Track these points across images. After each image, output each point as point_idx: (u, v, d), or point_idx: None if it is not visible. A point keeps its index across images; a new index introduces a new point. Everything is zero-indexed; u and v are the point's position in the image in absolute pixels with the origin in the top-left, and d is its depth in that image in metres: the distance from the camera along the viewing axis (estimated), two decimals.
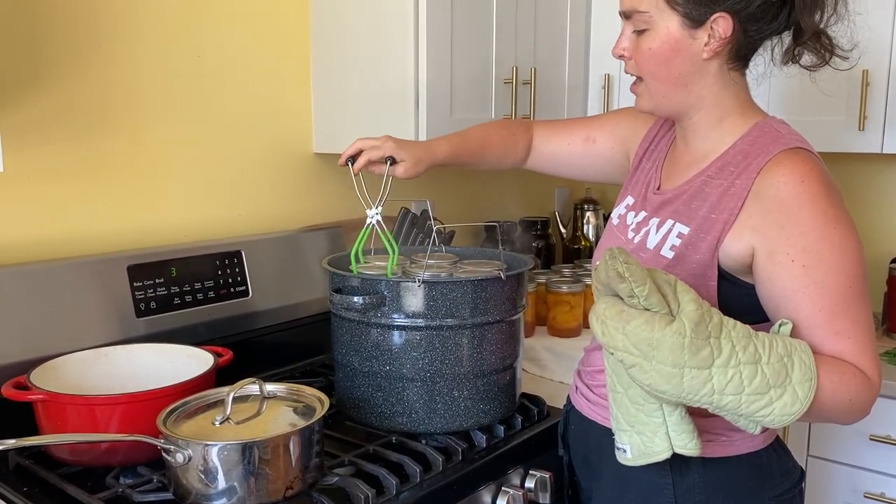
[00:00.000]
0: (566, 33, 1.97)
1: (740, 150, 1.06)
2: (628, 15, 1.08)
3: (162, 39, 1.48)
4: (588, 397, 1.23)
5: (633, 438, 0.98)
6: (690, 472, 1.08)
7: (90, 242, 1.41)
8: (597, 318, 0.91)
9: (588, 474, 1.25)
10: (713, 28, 1.03)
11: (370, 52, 1.62)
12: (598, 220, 2.39)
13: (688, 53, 1.05)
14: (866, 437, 1.74)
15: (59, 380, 1.17)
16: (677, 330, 0.86)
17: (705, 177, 1.08)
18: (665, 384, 0.88)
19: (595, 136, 1.35)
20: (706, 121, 1.10)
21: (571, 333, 1.82)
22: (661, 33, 1.05)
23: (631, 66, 1.11)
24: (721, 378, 0.88)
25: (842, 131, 1.81)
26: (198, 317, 1.45)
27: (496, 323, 1.26)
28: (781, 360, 0.89)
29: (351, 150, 1.29)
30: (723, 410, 0.90)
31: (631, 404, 0.96)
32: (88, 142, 1.39)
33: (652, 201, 1.16)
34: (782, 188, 0.98)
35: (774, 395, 0.89)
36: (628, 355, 0.89)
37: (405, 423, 1.24)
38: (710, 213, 1.04)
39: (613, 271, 0.88)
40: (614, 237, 1.22)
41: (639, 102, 1.14)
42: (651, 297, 0.87)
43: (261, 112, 1.66)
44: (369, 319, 1.23)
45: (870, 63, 1.75)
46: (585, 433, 1.23)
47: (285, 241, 1.62)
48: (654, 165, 1.21)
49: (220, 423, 1.03)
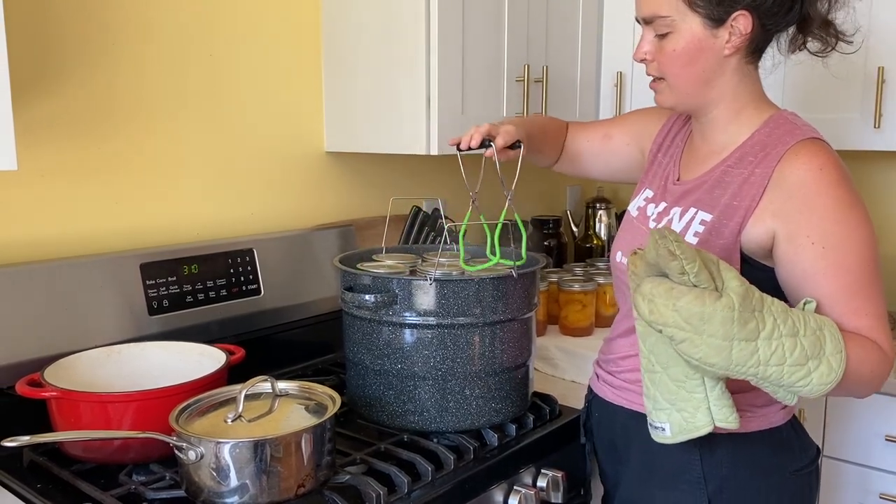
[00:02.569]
0: (578, 31, 1.96)
1: (758, 141, 1.10)
2: (649, 20, 1.11)
3: (175, 38, 1.48)
4: (612, 384, 1.26)
5: (672, 416, 1.01)
6: (717, 448, 1.12)
7: (103, 241, 1.42)
8: (643, 298, 0.94)
9: (614, 459, 1.28)
10: (733, 26, 1.07)
11: (382, 50, 1.62)
12: (610, 218, 2.38)
13: (710, 52, 1.09)
14: (882, 437, 1.73)
15: (73, 377, 1.18)
16: (727, 304, 0.91)
17: (725, 167, 1.12)
18: (715, 357, 0.92)
19: (612, 133, 1.39)
20: (725, 114, 1.14)
21: (583, 332, 1.82)
22: (685, 35, 1.09)
23: (653, 67, 1.14)
24: (766, 349, 0.92)
25: (856, 129, 1.79)
26: (210, 315, 1.45)
27: (508, 321, 1.25)
28: (815, 333, 0.95)
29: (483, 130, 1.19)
30: (765, 381, 0.95)
31: (671, 382, 1.00)
32: (102, 140, 1.40)
33: (672, 192, 1.19)
34: (802, 176, 1.04)
35: (812, 365, 0.94)
36: (679, 331, 0.92)
37: (417, 422, 1.24)
38: (732, 201, 1.09)
39: (665, 250, 0.92)
40: (635, 228, 1.24)
41: (660, 99, 1.17)
42: (701, 274, 0.92)
43: (272, 110, 1.67)
44: (381, 318, 1.23)
45: (886, 60, 1.74)
46: (611, 419, 1.27)
47: (297, 240, 1.62)
48: (671, 159, 1.25)
49: (232, 421, 1.04)
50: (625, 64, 2.02)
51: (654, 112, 1.34)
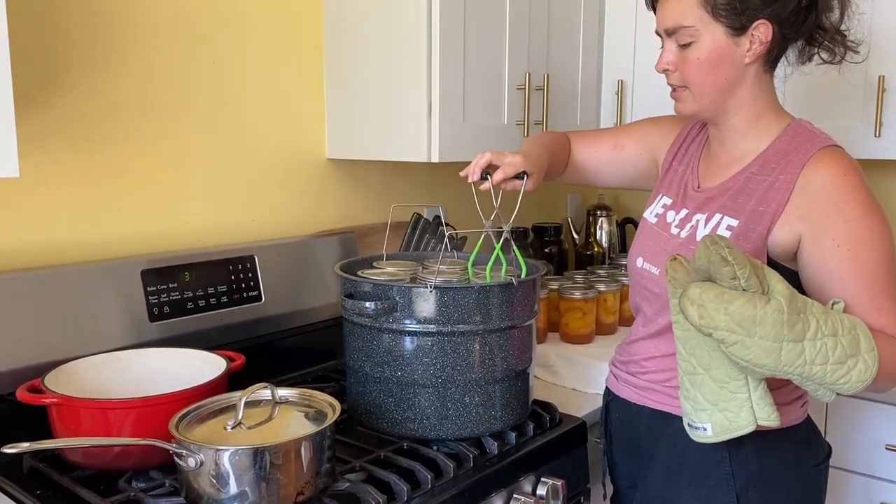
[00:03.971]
0: (579, 39, 1.96)
1: (779, 149, 1.15)
2: (673, 31, 1.15)
3: (178, 46, 1.49)
4: (636, 385, 1.29)
5: (714, 416, 1.05)
6: (744, 445, 1.14)
7: (105, 247, 1.42)
8: (692, 303, 0.97)
9: (636, 459, 1.30)
10: (754, 34, 1.12)
11: (383, 59, 1.62)
12: (610, 226, 2.38)
13: (732, 60, 1.14)
14: (882, 446, 1.73)
15: (73, 383, 1.18)
16: (776, 307, 0.95)
17: (748, 174, 1.17)
18: (766, 358, 0.95)
19: (623, 144, 1.41)
20: (745, 121, 1.19)
21: (584, 340, 1.82)
22: (708, 44, 1.13)
23: (675, 77, 1.18)
24: (811, 350, 0.96)
25: (857, 137, 1.79)
26: (211, 321, 1.45)
27: (508, 329, 1.25)
28: (851, 332, 0.99)
29: (483, 162, 1.21)
30: (809, 380, 0.98)
31: (714, 383, 1.04)
32: (103, 147, 1.40)
33: (694, 199, 1.23)
34: (828, 181, 1.09)
35: (851, 363, 0.98)
36: (730, 334, 0.95)
37: (416, 429, 1.24)
38: (758, 206, 1.13)
39: (717, 255, 0.95)
40: (655, 234, 1.27)
41: (681, 107, 1.20)
42: (751, 279, 0.96)
43: (274, 117, 1.67)
44: (381, 325, 1.23)
45: (886, 69, 1.74)
46: (634, 419, 1.29)
47: (298, 247, 1.63)
48: (687, 167, 1.28)
49: (231, 428, 1.04)
50: (626, 72, 2.03)
51: (667, 121, 1.37)
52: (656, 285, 1.23)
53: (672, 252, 1.18)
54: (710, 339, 1.00)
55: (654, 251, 1.25)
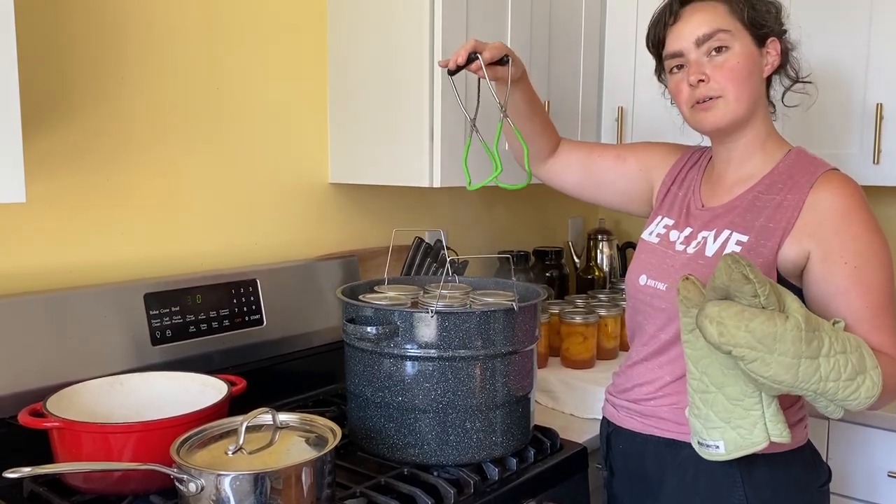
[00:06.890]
0: (580, 66, 1.98)
1: (783, 171, 1.19)
2: (708, 37, 1.17)
3: (183, 71, 1.51)
4: (640, 413, 1.26)
5: (727, 434, 1.06)
6: (756, 468, 1.16)
7: (107, 271, 1.43)
8: (710, 321, 0.98)
9: (643, 489, 1.27)
10: (770, 50, 1.19)
11: (386, 85, 1.64)
12: (611, 250, 2.39)
13: (758, 70, 1.19)
14: (884, 473, 1.72)
15: (75, 407, 1.18)
16: (795, 324, 0.97)
17: (756, 193, 1.20)
18: (785, 374, 0.97)
19: (626, 157, 1.42)
20: (756, 140, 1.22)
21: (585, 365, 1.82)
22: (742, 50, 1.17)
23: (709, 87, 1.17)
24: (826, 366, 0.98)
25: (856, 164, 1.81)
26: (213, 345, 1.46)
27: (509, 354, 1.26)
28: (857, 350, 1.01)
29: (469, 46, 1.24)
30: (822, 396, 1.00)
31: (728, 401, 1.05)
32: (108, 172, 1.42)
33: (699, 217, 1.25)
34: (837, 200, 1.13)
35: (860, 380, 1.00)
36: (751, 351, 0.96)
37: (417, 455, 1.24)
38: (768, 223, 1.16)
39: (739, 274, 0.97)
40: (658, 252, 1.27)
41: (711, 117, 1.19)
42: (770, 297, 0.98)
43: (278, 142, 1.69)
44: (382, 349, 1.23)
45: (884, 97, 1.76)
46: (640, 449, 1.27)
47: (300, 270, 1.63)
48: (688, 190, 1.31)
49: (232, 453, 1.04)
50: (626, 98, 2.04)
51: (667, 147, 1.40)
52: (662, 301, 1.22)
53: (679, 267, 1.20)
54: (724, 357, 1.01)
55: (659, 268, 1.25)
